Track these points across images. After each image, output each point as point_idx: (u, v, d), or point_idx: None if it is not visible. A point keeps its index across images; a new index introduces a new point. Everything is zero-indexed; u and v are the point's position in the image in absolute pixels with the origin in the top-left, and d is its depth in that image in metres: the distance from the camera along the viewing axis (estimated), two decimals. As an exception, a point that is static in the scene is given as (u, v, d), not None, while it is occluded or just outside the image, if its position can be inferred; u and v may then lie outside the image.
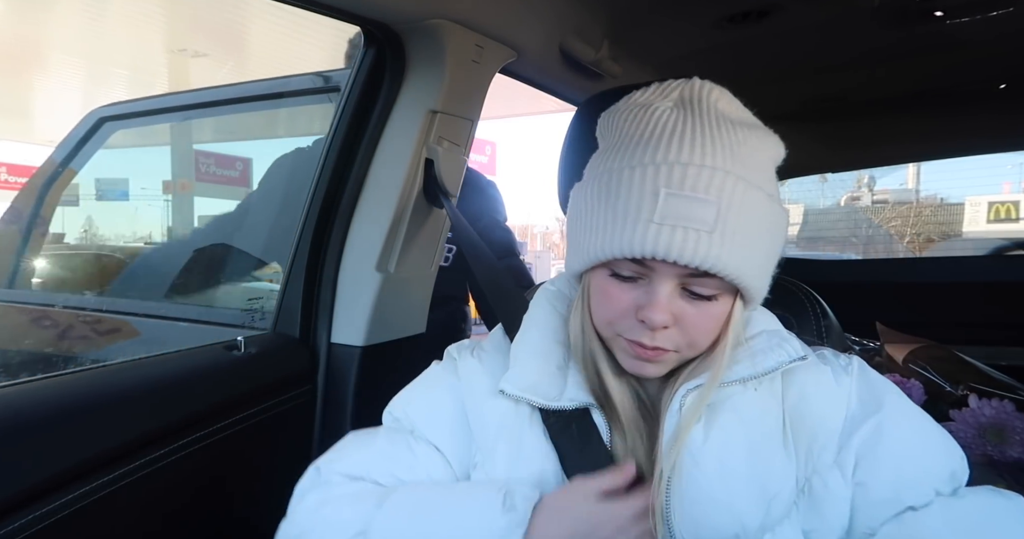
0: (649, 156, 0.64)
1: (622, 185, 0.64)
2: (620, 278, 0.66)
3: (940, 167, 22.78)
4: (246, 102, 1.79)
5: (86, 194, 4.92)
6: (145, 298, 1.64)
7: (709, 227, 0.60)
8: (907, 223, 16.56)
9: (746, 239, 0.62)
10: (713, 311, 0.65)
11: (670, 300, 0.64)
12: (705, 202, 0.61)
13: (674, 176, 0.61)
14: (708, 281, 0.63)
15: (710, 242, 0.60)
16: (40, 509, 0.75)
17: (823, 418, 0.69)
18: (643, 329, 0.65)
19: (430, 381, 0.81)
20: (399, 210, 1.16)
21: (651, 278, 0.64)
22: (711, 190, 0.61)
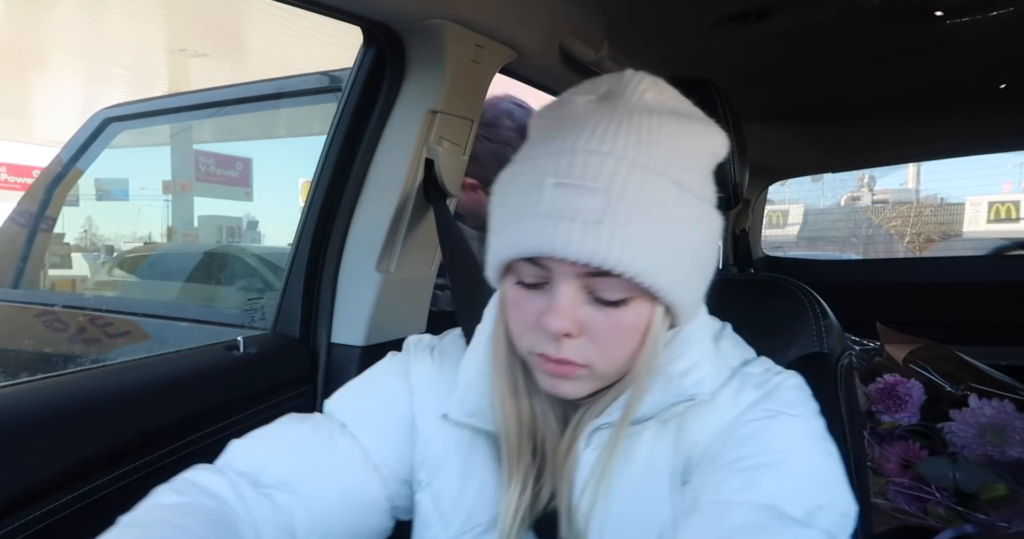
0: (544, 147, 0.58)
1: (515, 180, 0.59)
2: (525, 286, 0.59)
3: (940, 167, 22.81)
4: (249, 102, 1.80)
5: (86, 194, 4.92)
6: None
7: (596, 217, 0.53)
8: (907, 223, 16.57)
9: (644, 231, 0.54)
10: (624, 320, 0.57)
11: (574, 306, 0.56)
12: (593, 190, 0.53)
13: (562, 165, 0.55)
14: (610, 282, 0.55)
15: (597, 234, 0.53)
16: (40, 509, 0.75)
17: (703, 432, 0.62)
18: (548, 339, 0.57)
19: (378, 380, 0.75)
20: (399, 210, 1.16)
21: (552, 281, 0.57)
22: (600, 177, 0.54)
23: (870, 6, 1.26)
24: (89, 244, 8.04)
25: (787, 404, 0.62)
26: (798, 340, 0.98)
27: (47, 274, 2.34)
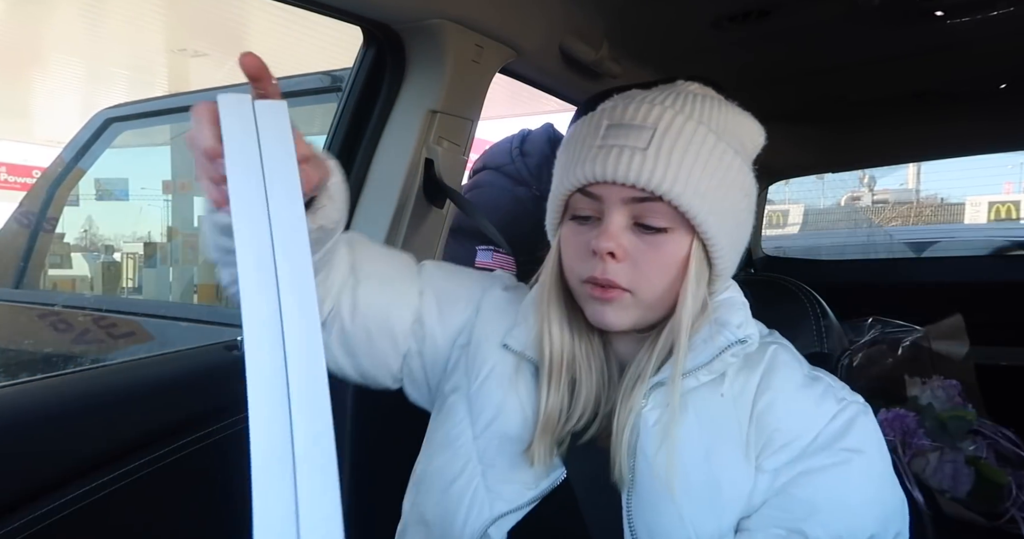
0: (605, 105, 0.71)
1: (577, 130, 0.71)
2: (579, 222, 0.69)
3: (940, 167, 22.78)
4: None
5: (86, 194, 4.92)
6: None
7: (643, 145, 0.64)
8: (907, 223, 16.55)
9: (685, 163, 0.64)
10: (665, 248, 0.65)
11: (621, 231, 0.65)
12: (641, 127, 0.65)
13: (616, 111, 0.68)
14: (654, 208, 0.64)
15: (643, 159, 0.63)
16: (40, 509, 0.75)
17: (784, 431, 0.66)
18: (597, 263, 0.65)
19: (465, 281, 0.83)
20: (399, 210, 1.16)
21: (604, 211, 0.66)
22: (649, 118, 0.65)
23: (870, 6, 1.26)
24: (89, 244, 8.04)
25: (867, 443, 0.67)
26: (798, 340, 0.98)
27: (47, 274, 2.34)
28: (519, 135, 1.64)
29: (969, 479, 1.43)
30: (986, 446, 1.48)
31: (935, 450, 1.46)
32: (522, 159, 1.57)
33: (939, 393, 1.53)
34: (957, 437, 1.46)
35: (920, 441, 1.47)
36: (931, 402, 1.52)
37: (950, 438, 1.47)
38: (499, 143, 1.66)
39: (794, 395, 0.68)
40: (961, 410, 1.49)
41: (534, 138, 1.61)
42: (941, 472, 1.42)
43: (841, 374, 0.98)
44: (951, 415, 1.48)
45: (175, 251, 6.63)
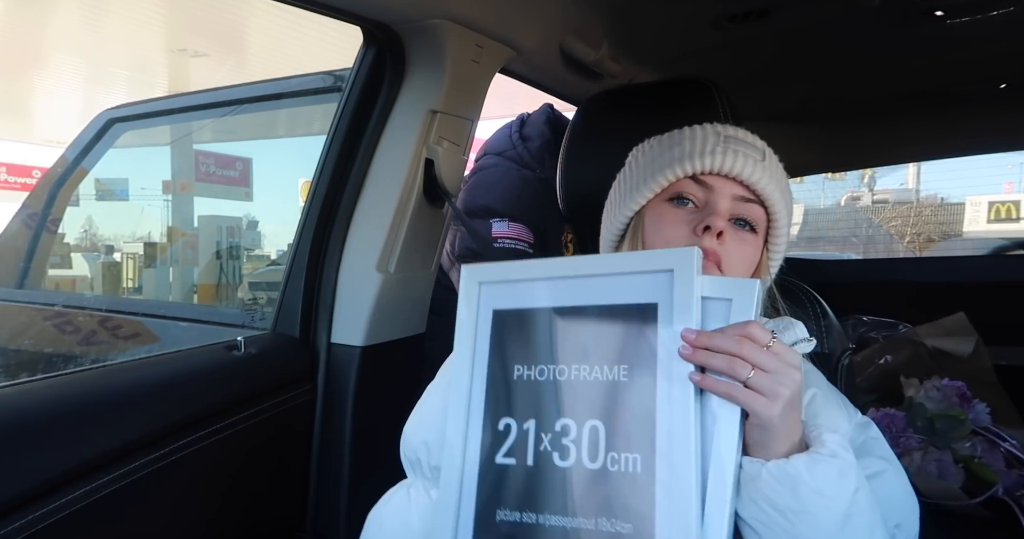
0: (705, 125, 0.84)
1: (685, 134, 0.83)
2: (675, 204, 0.79)
3: (940, 167, 22.78)
4: (252, 102, 1.80)
5: (86, 194, 4.92)
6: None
7: (760, 157, 0.79)
8: (907, 223, 16.55)
9: (783, 184, 0.81)
10: (749, 246, 0.78)
11: (725, 221, 0.76)
12: (754, 145, 0.81)
13: (729, 129, 0.82)
14: (753, 211, 0.79)
15: (762, 168, 0.78)
16: (40, 509, 0.75)
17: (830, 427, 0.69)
18: (704, 238, 0.74)
19: (426, 398, 0.85)
20: (399, 210, 1.16)
21: (709, 199, 0.78)
22: (758, 141, 0.82)
23: (870, 6, 1.26)
24: (89, 244, 8.04)
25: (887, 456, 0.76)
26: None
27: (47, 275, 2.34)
28: (517, 120, 1.64)
29: (957, 479, 1.44)
30: (987, 444, 1.48)
31: (920, 449, 1.47)
32: (523, 143, 1.57)
33: (933, 394, 1.53)
34: (950, 437, 1.47)
35: (908, 440, 1.48)
36: (923, 402, 1.52)
37: (940, 438, 1.47)
38: (500, 129, 1.66)
39: (827, 394, 0.77)
40: (953, 410, 1.50)
41: (533, 121, 1.62)
42: (925, 471, 1.44)
43: (841, 374, 0.98)
44: (941, 414, 1.48)
45: (175, 251, 6.64)
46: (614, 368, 0.65)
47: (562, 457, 0.65)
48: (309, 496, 1.17)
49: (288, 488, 1.15)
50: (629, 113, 1.22)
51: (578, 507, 0.64)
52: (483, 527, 0.67)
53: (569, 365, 0.67)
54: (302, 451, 1.16)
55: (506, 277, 0.73)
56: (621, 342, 0.65)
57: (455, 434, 0.70)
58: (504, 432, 0.68)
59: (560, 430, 0.66)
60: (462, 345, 0.72)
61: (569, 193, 1.25)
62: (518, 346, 0.70)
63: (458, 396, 0.71)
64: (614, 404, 0.64)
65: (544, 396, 0.67)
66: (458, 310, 0.73)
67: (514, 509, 0.66)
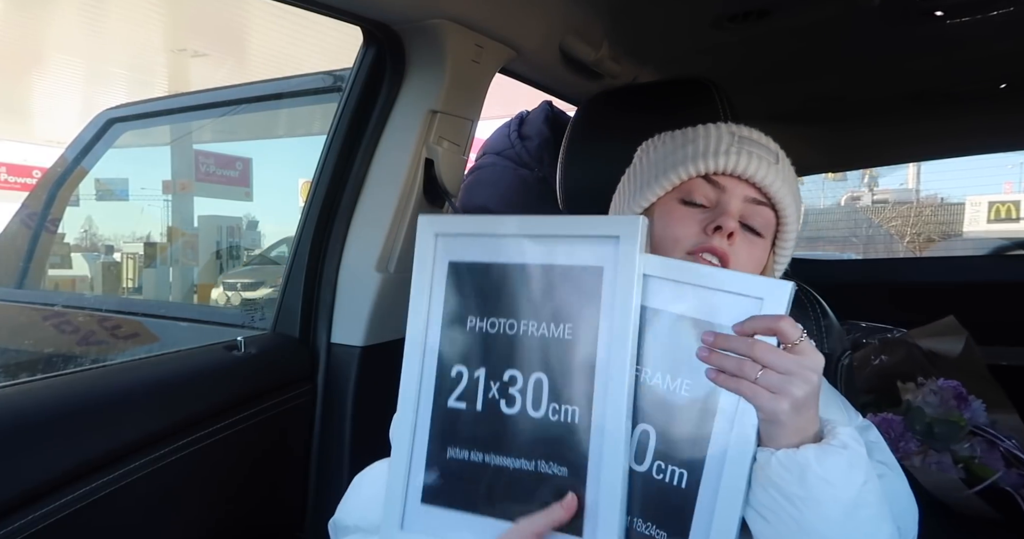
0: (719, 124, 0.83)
1: (699, 132, 0.82)
2: (689, 204, 0.79)
3: (940, 167, 22.78)
4: (252, 102, 1.81)
5: (86, 194, 4.92)
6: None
7: (773, 159, 0.79)
8: (907, 223, 16.55)
9: (794, 188, 0.81)
10: (757, 249, 0.78)
11: (736, 222, 0.76)
12: (768, 147, 0.80)
13: (743, 130, 0.81)
14: (763, 214, 0.78)
15: (775, 171, 0.78)
16: (40, 509, 0.75)
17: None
18: (710, 238, 0.75)
19: (362, 483, 0.84)
20: (399, 210, 1.16)
21: (720, 200, 0.77)
22: (771, 143, 0.81)
23: (870, 6, 1.26)
24: (89, 244, 8.05)
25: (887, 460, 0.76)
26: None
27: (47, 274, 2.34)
28: (516, 119, 1.64)
29: (957, 477, 1.44)
30: (986, 443, 1.49)
31: (920, 452, 1.47)
32: (521, 143, 1.57)
33: (931, 399, 1.53)
34: (949, 441, 1.47)
35: (907, 445, 1.48)
36: (921, 407, 1.52)
37: (939, 442, 1.47)
38: (498, 129, 1.66)
39: (828, 395, 0.78)
40: (954, 414, 1.50)
41: (532, 120, 1.62)
42: (925, 473, 1.44)
43: (841, 375, 0.98)
44: (940, 419, 1.48)
45: (175, 251, 6.64)
46: (560, 325, 0.70)
47: (508, 405, 0.71)
48: (309, 496, 1.17)
49: (288, 488, 1.15)
50: (629, 113, 1.22)
51: (521, 450, 0.70)
52: (434, 461, 0.74)
53: (519, 320, 0.72)
54: (302, 451, 1.16)
55: (462, 230, 0.76)
56: (568, 301, 0.70)
57: (411, 375, 0.75)
58: (456, 378, 0.74)
59: (508, 380, 0.71)
60: (418, 295, 0.76)
61: (569, 193, 1.25)
62: (472, 298, 0.74)
63: (413, 342, 0.75)
64: (558, 359, 0.69)
65: (495, 347, 0.72)
66: (415, 260, 0.77)
67: (463, 448, 0.73)
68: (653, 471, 0.66)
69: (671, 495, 0.65)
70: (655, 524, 0.66)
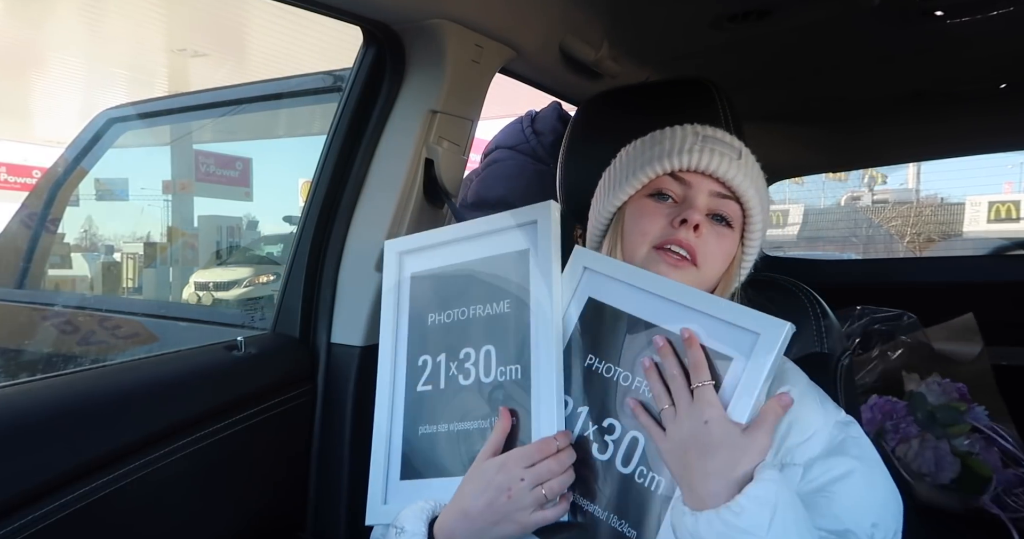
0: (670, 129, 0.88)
1: (666, 133, 0.87)
2: (656, 199, 0.84)
3: (940, 167, 22.78)
4: (250, 102, 1.81)
5: (86, 194, 4.92)
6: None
7: (736, 155, 0.83)
8: (907, 223, 16.55)
9: (758, 182, 0.85)
10: (726, 241, 0.83)
11: (702, 215, 0.80)
12: (731, 145, 0.85)
13: (707, 129, 0.86)
14: (729, 207, 0.83)
15: (737, 166, 0.83)
16: (40, 509, 0.75)
17: (801, 423, 0.75)
18: (678, 231, 0.79)
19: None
20: (399, 210, 1.16)
21: (687, 195, 0.83)
22: (735, 141, 0.86)
23: (870, 6, 1.26)
24: (89, 244, 8.05)
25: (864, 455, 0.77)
26: (798, 340, 0.98)
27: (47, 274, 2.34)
28: (527, 116, 1.65)
29: (953, 468, 1.45)
30: (984, 442, 1.49)
31: (918, 437, 1.47)
32: (536, 138, 1.58)
33: (935, 389, 1.54)
34: (949, 430, 1.47)
35: (908, 428, 1.48)
36: (924, 393, 1.53)
37: (940, 428, 1.48)
38: (509, 125, 1.67)
39: (804, 390, 0.79)
40: (954, 402, 1.50)
41: (544, 117, 1.63)
42: (922, 457, 1.45)
43: (840, 374, 0.98)
44: (941, 406, 1.49)
45: (175, 251, 6.63)
46: (500, 303, 0.83)
47: (465, 378, 0.84)
48: (309, 496, 1.16)
49: (288, 488, 1.15)
50: (629, 113, 1.22)
51: (479, 412, 0.82)
52: (409, 441, 0.87)
53: (468, 306, 0.85)
54: (302, 451, 1.16)
55: (418, 245, 0.93)
56: (504, 282, 0.84)
57: (385, 371, 0.90)
58: (422, 366, 0.88)
59: (463, 357, 0.84)
60: (388, 305, 0.92)
61: (569, 192, 1.25)
62: (431, 299, 0.90)
63: (386, 343, 0.91)
64: (501, 331, 0.82)
65: (451, 333, 0.86)
66: (383, 277, 0.94)
67: (431, 424, 0.85)
68: (635, 475, 0.72)
69: (647, 499, 0.71)
70: (628, 523, 0.71)
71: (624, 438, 0.73)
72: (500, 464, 0.73)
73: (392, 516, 0.81)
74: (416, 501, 0.79)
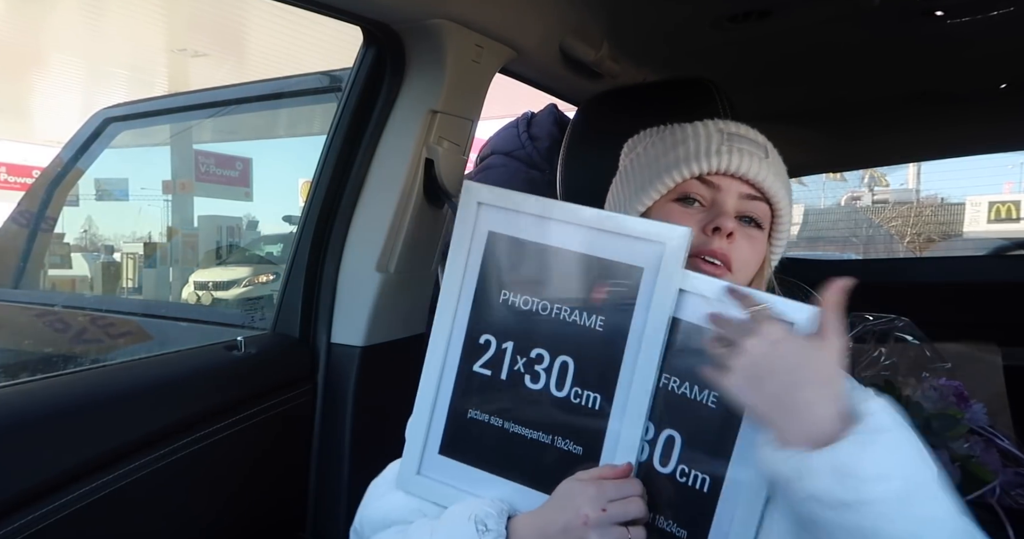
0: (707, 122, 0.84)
1: (687, 132, 0.83)
2: (683, 203, 0.80)
3: (940, 167, 22.79)
4: (249, 102, 1.80)
5: (86, 194, 4.92)
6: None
7: (763, 153, 0.80)
8: (907, 223, 16.56)
9: (784, 179, 0.82)
10: (757, 243, 0.80)
11: (734, 221, 0.77)
12: (756, 142, 0.81)
13: (731, 126, 0.82)
14: (759, 208, 0.80)
15: (767, 165, 0.79)
16: (40, 509, 0.75)
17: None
18: (710, 239, 0.76)
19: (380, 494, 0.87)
20: (399, 210, 1.16)
21: (716, 199, 0.79)
22: (759, 137, 0.82)
23: (870, 6, 1.26)
24: (89, 244, 8.05)
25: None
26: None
27: (47, 274, 2.34)
28: (523, 119, 1.63)
29: (954, 477, 1.44)
30: (984, 443, 1.49)
31: None
32: (532, 143, 1.56)
33: (931, 393, 1.53)
34: (946, 436, 1.47)
35: None
36: (920, 401, 1.52)
37: (937, 437, 1.47)
38: (504, 128, 1.65)
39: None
40: (950, 408, 1.50)
41: (540, 121, 1.61)
42: None
43: (841, 374, 0.98)
44: (937, 414, 1.48)
45: (175, 251, 6.63)
46: (592, 316, 0.73)
47: (533, 381, 0.75)
48: (309, 496, 1.17)
49: (288, 488, 1.15)
50: (629, 113, 1.22)
51: (540, 423, 0.74)
52: (455, 418, 0.78)
53: (552, 303, 0.74)
54: (302, 451, 1.16)
55: (505, 204, 0.77)
56: (604, 294, 0.73)
57: (439, 336, 0.78)
58: (484, 345, 0.77)
59: (535, 357, 0.75)
60: (455, 259, 0.78)
61: (569, 194, 1.25)
62: (507, 272, 0.77)
63: (446, 305, 0.78)
64: (587, 347, 0.73)
65: (525, 324, 0.75)
66: (455, 227, 0.79)
67: (484, 411, 0.77)
68: (677, 474, 0.69)
69: (693, 498, 0.68)
70: (677, 523, 0.69)
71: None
72: (587, 491, 0.68)
73: (423, 489, 0.79)
74: (452, 482, 0.77)
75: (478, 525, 0.70)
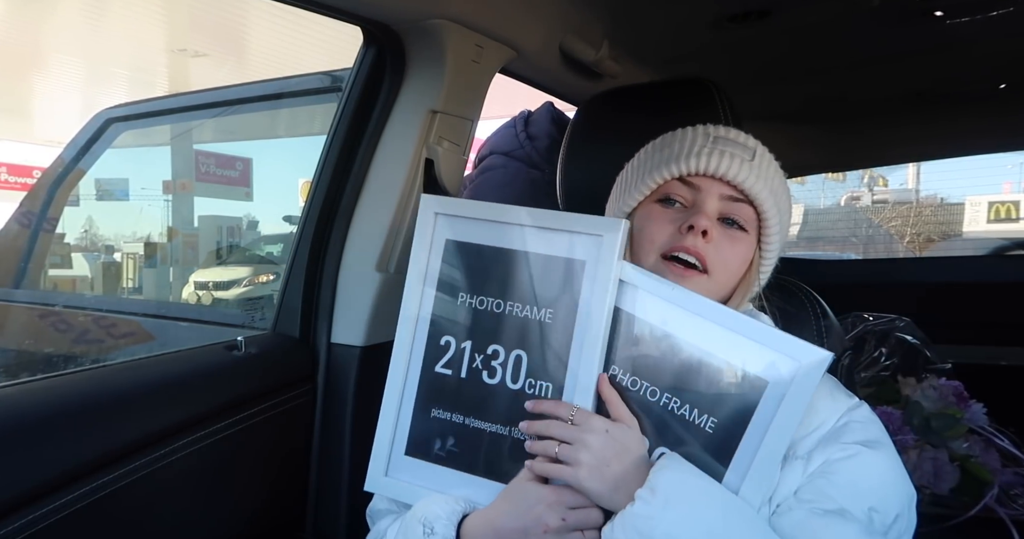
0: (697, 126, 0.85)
1: (676, 135, 0.84)
2: (664, 204, 0.81)
3: (940, 167, 22.80)
4: (250, 102, 1.80)
5: (86, 194, 4.92)
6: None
7: (750, 157, 0.80)
8: (907, 223, 16.55)
9: (774, 183, 0.80)
10: (740, 245, 0.79)
11: (711, 220, 0.78)
12: (745, 146, 0.81)
13: (720, 130, 0.83)
14: (743, 210, 0.79)
15: (750, 168, 0.79)
16: (40, 509, 0.75)
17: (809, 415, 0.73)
18: (685, 238, 0.77)
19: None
20: (399, 210, 1.16)
21: (697, 200, 0.79)
22: (749, 141, 0.82)
23: (870, 6, 1.26)
24: (89, 244, 8.05)
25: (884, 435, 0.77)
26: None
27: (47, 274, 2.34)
28: (521, 118, 1.63)
29: (953, 476, 1.44)
30: (983, 444, 1.49)
31: (916, 447, 1.47)
32: (530, 143, 1.56)
33: (930, 393, 1.53)
34: (945, 435, 1.47)
35: (904, 437, 1.48)
36: (920, 401, 1.53)
37: (937, 436, 1.47)
38: (501, 127, 1.65)
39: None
40: (950, 408, 1.50)
41: (537, 120, 1.61)
42: (921, 469, 1.44)
43: (840, 374, 0.98)
44: (937, 413, 1.49)
45: (175, 251, 6.63)
46: (542, 310, 0.78)
47: (490, 376, 0.80)
48: (309, 496, 1.17)
49: (288, 488, 1.15)
50: (629, 113, 1.22)
51: (499, 416, 0.79)
52: (420, 418, 0.83)
53: (505, 301, 0.80)
54: (302, 451, 1.16)
55: (460, 212, 0.83)
56: (551, 288, 0.78)
57: (403, 341, 0.84)
58: (444, 347, 0.82)
59: (491, 353, 0.80)
60: (415, 268, 0.84)
61: (569, 193, 1.25)
62: (465, 276, 0.83)
63: (408, 311, 0.84)
64: (537, 339, 0.78)
65: (482, 323, 0.81)
66: (415, 236, 0.84)
67: (446, 410, 0.81)
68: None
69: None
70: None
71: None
72: (547, 498, 0.71)
73: (390, 489, 0.83)
74: (417, 482, 0.81)
75: (425, 528, 0.74)
